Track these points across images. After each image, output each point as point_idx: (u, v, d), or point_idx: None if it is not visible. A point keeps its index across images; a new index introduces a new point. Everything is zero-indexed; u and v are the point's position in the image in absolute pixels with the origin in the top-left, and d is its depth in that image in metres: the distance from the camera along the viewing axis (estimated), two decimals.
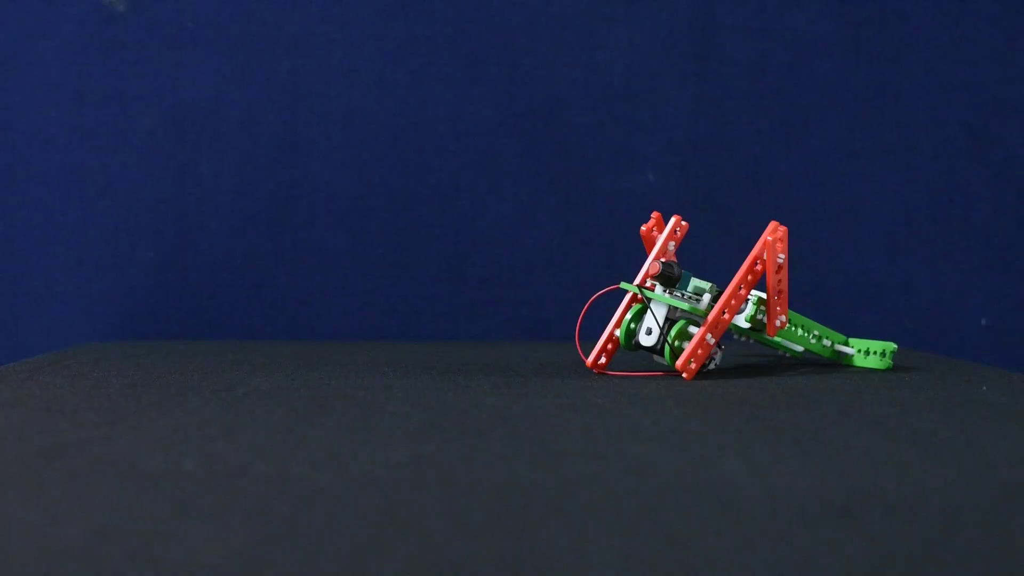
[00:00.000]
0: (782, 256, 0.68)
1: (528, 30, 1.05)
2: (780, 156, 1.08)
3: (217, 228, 1.04)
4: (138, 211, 1.03)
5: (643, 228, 0.72)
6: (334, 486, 0.37)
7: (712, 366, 0.70)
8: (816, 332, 0.75)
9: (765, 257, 0.68)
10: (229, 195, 1.03)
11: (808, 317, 0.76)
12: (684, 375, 0.67)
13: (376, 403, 0.56)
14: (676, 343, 0.67)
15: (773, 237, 0.68)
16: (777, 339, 0.75)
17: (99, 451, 0.43)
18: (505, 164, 1.06)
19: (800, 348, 0.76)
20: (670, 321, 0.68)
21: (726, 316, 0.67)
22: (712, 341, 0.67)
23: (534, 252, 1.05)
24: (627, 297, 0.71)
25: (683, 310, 0.68)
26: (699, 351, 0.67)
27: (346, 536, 0.31)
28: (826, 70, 1.08)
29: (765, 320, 0.70)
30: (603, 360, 0.71)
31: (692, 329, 0.68)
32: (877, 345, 0.75)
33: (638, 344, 0.69)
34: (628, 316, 0.69)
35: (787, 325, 0.71)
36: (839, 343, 0.76)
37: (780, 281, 0.69)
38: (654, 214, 0.73)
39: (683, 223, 0.72)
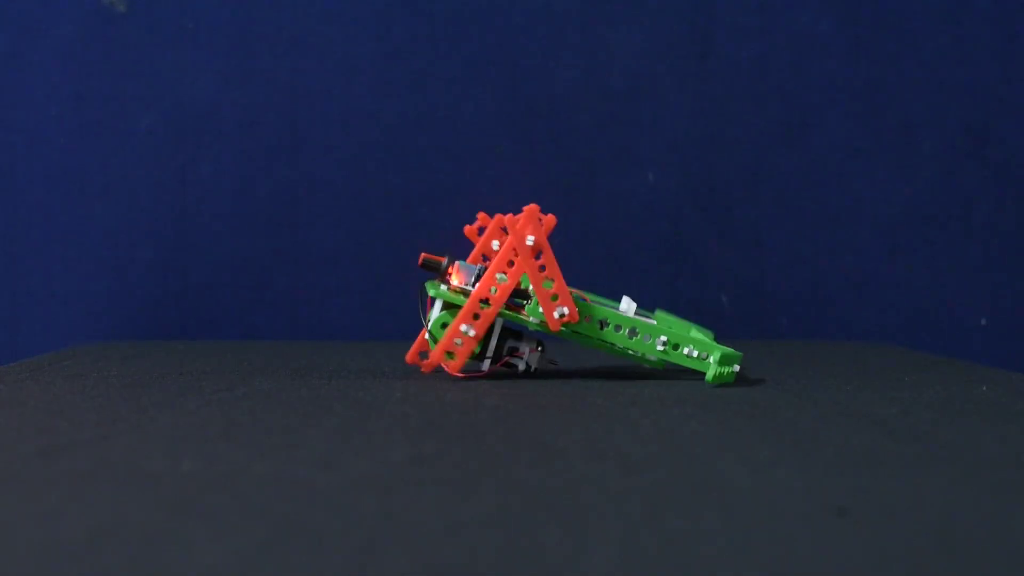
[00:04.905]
0: (531, 238, 0.62)
1: (528, 30, 1.05)
2: (780, 156, 1.08)
3: (217, 228, 1.04)
4: (138, 211, 1.03)
5: (466, 228, 0.68)
6: (334, 486, 0.37)
7: (523, 368, 0.66)
8: (664, 338, 0.64)
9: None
10: (229, 195, 1.03)
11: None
12: (447, 369, 0.64)
13: (376, 403, 0.56)
14: (443, 326, 0.64)
15: (519, 218, 0.62)
16: (617, 343, 0.66)
17: (99, 451, 0.43)
18: (505, 164, 1.06)
19: (653, 357, 0.66)
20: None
21: (490, 307, 0.62)
22: (471, 332, 0.63)
23: None
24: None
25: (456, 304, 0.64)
26: (455, 342, 0.63)
27: (346, 536, 0.31)
28: (826, 70, 1.08)
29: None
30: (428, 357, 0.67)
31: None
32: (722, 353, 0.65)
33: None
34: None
35: (579, 319, 0.63)
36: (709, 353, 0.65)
37: (544, 267, 0.62)
38: (479, 215, 0.69)
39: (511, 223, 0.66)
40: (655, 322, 0.67)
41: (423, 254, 0.67)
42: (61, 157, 1.02)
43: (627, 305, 0.67)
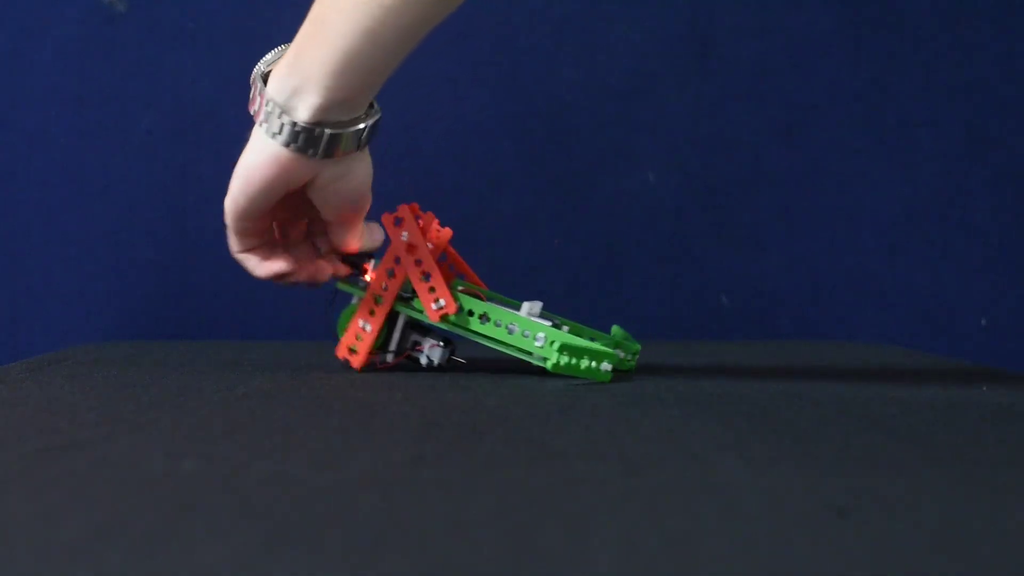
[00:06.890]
0: (405, 234, 0.67)
1: (528, 30, 1.05)
2: (780, 156, 1.08)
3: (217, 228, 1.04)
4: (138, 211, 1.03)
5: (384, 216, 0.69)
6: (334, 486, 0.37)
7: (426, 362, 0.68)
8: (543, 335, 0.65)
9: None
10: None
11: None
12: (352, 364, 0.68)
13: (376, 403, 0.56)
14: (343, 325, 0.69)
15: (392, 218, 0.67)
16: (497, 337, 0.66)
17: (99, 451, 0.43)
18: (505, 164, 1.06)
19: (536, 354, 0.66)
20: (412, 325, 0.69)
21: (382, 304, 0.67)
22: (368, 328, 0.67)
23: (534, 252, 1.05)
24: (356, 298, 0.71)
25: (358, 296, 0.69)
26: (355, 338, 0.68)
27: (346, 536, 0.31)
28: (826, 70, 1.08)
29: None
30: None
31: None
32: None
33: None
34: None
35: (457, 311, 0.65)
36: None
37: (420, 262, 0.66)
38: (400, 206, 0.70)
39: (439, 229, 0.68)
40: (549, 323, 0.66)
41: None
42: (61, 157, 1.02)
43: (530, 307, 0.67)
